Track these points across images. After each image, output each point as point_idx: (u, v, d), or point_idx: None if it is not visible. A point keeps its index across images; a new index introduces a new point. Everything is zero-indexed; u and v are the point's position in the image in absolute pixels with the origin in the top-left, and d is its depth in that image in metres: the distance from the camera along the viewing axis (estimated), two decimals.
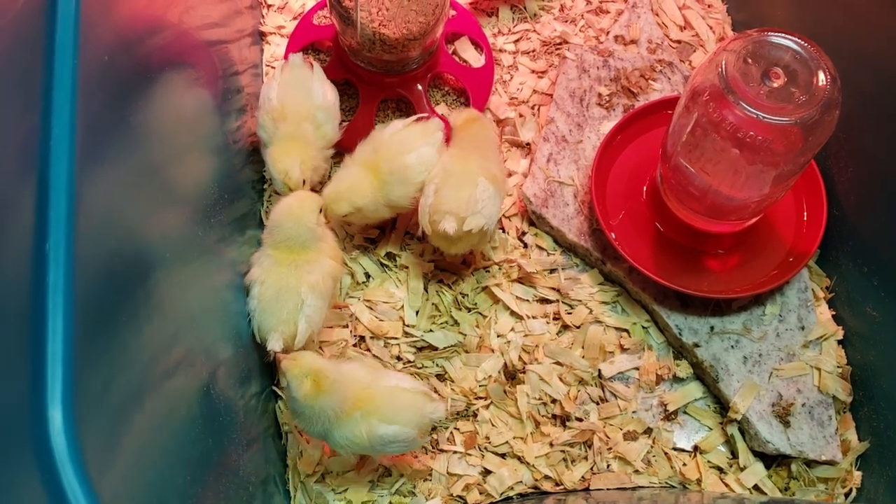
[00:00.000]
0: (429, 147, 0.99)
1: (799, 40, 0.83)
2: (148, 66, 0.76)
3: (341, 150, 1.06)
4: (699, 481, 0.95)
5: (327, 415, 0.84)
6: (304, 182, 1.00)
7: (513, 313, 1.03)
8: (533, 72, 1.18)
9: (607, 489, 0.94)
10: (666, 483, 0.96)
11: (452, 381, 0.99)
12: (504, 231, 1.08)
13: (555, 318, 1.03)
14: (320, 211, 0.96)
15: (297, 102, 1.01)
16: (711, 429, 0.98)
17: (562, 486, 0.95)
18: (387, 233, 1.08)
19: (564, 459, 0.96)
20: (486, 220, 0.94)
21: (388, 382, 0.88)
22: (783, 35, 0.83)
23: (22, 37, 0.59)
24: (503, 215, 1.08)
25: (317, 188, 1.03)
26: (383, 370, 0.92)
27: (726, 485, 0.95)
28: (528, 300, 1.04)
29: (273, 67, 1.19)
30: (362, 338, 1.02)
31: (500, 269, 1.05)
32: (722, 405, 0.98)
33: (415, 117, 1.02)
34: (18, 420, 0.50)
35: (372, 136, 1.02)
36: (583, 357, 1.00)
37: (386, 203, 1.00)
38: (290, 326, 0.90)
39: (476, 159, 0.98)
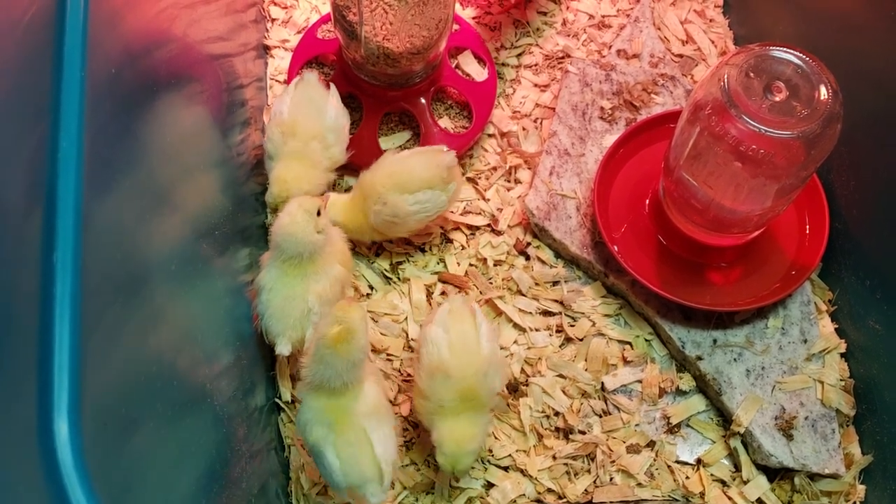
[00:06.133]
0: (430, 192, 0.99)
1: (801, 55, 0.83)
2: (154, 78, 0.76)
3: (344, 165, 1.07)
4: (702, 494, 0.95)
5: (332, 369, 0.81)
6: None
7: (515, 325, 1.03)
8: (535, 85, 1.19)
9: (610, 502, 0.94)
10: (669, 496, 0.95)
11: None
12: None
13: (557, 331, 1.03)
14: (318, 213, 0.92)
15: (308, 120, 1.01)
16: (714, 442, 0.98)
17: (565, 500, 0.95)
18: (395, 241, 1.07)
19: (567, 472, 0.96)
20: None
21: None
22: (785, 49, 0.84)
23: (30, 50, 0.60)
24: (507, 225, 1.09)
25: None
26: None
27: (729, 498, 0.95)
28: (530, 313, 1.04)
29: (278, 81, 1.19)
30: None
31: (502, 281, 1.05)
32: (725, 418, 0.98)
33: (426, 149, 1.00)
34: (25, 432, 0.50)
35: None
36: (586, 370, 1.00)
37: (372, 229, 1.02)
38: (297, 332, 0.91)
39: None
